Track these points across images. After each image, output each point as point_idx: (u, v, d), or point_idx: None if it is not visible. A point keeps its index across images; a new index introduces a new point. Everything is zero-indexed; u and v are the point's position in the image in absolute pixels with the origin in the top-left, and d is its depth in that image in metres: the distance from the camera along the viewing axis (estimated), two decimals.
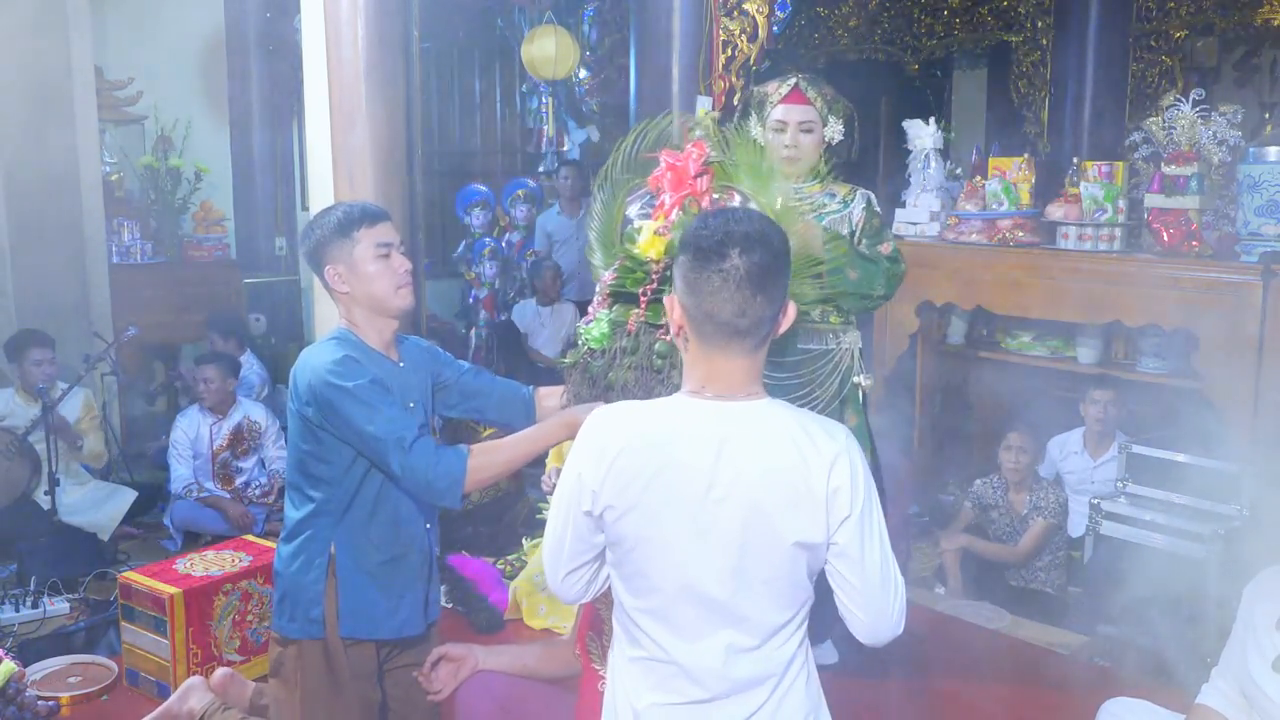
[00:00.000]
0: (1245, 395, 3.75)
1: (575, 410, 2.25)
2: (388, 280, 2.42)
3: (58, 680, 3.35)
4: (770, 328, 1.65)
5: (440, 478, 2.26)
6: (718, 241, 1.60)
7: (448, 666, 2.59)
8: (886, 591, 1.65)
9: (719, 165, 2.29)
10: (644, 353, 2.18)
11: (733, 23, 4.92)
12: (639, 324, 2.19)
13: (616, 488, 1.64)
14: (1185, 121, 4.08)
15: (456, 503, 2.34)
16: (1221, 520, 3.73)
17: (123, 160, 6.83)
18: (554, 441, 2.34)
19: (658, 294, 2.18)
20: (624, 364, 2.19)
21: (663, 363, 2.15)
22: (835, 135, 3.23)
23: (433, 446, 2.28)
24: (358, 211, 2.46)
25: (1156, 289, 4.01)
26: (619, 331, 2.22)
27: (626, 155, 2.45)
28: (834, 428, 1.67)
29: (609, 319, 2.25)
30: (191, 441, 5.14)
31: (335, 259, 2.42)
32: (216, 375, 5.14)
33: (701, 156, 2.25)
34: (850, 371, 3.20)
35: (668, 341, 2.14)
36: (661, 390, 2.14)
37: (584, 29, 7.51)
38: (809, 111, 3.20)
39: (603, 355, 2.23)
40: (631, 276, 2.24)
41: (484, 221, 7.37)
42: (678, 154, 2.27)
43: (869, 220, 3.22)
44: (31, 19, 5.15)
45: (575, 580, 1.77)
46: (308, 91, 4.01)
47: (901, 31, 7.28)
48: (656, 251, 2.22)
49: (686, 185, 2.24)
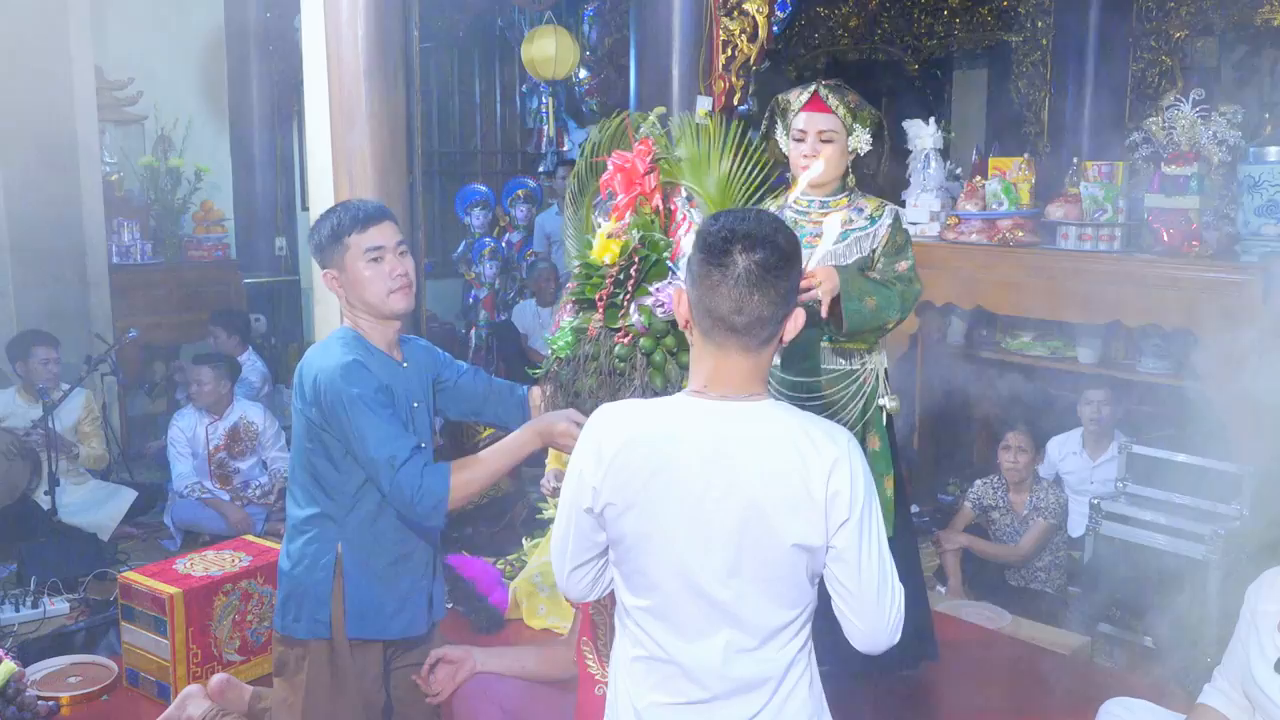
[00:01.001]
0: (1245, 395, 3.75)
1: (546, 418, 2.28)
2: (379, 285, 2.41)
3: (58, 680, 3.35)
4: (771, 330, 1.64)
5: (423, 501, 2.27)
6: (722, 239, 1.61)
7: (446, 668, 2.60)
8: (883, 599, 1.65)
9: (664, 161, 2.29)
10: (605, 357, 2.19)
11: (733, 23, 4.92)
12: (599, 329, 2.20)
13: (616, 485, 1.65)
14: (1185, 121, 4.08)
15: (440, 523, 2.36)
16: (1221, 520, 3.73)
17: (123, 160, 6.82)
18: (528, 450, 2.34)
19: (614, 297, 2.19)
20: (589, 369, 2.20)
21: (623, 365, 2.17)
22: (861, 146, 2.99)
23: (420, 469, 2.27)
24: (350, 216, 2.44)
25: (1156, 289, 4.01)
26: (582, 338, 2.24)
27: (588, 159, 2.48)
28: (836, 431, 1.67)
29: (571, 327, 2.26)
30: (188, 440, 5.13)
31: (329, 264, 2.44)
32: (211, 377, 5.10)
33: (648, 154, 2.26)
34: (875, 393, 3.03)
35: (627, 345, 2.15)
36: (627, 392, 2.14)
37: (584, 29, 7.52)
38: (830, 120, 2.95)
39: (569, 363, 2.25)
40: (589, 283, 2.26)
41: (484, 221, 7.38)
42: (625, 155, 2.28)
43: (892, 237, 3.00)
44: (31, 19, 5.16)
45: (580, 577, 1.78)
46: (308, 91, 4.01)
47: (901, 31, 7.29)
48: (611, 256, 2.23)
49: (636, 185, 2.24)
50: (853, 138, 2.98)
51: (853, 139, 2.98)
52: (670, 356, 2.22)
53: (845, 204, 3.01)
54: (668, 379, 2.18)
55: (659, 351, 2.20)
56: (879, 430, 3.06)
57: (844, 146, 2.98)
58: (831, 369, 3.01)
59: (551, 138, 7.99)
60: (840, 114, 2.96)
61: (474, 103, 8.69)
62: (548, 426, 2.26)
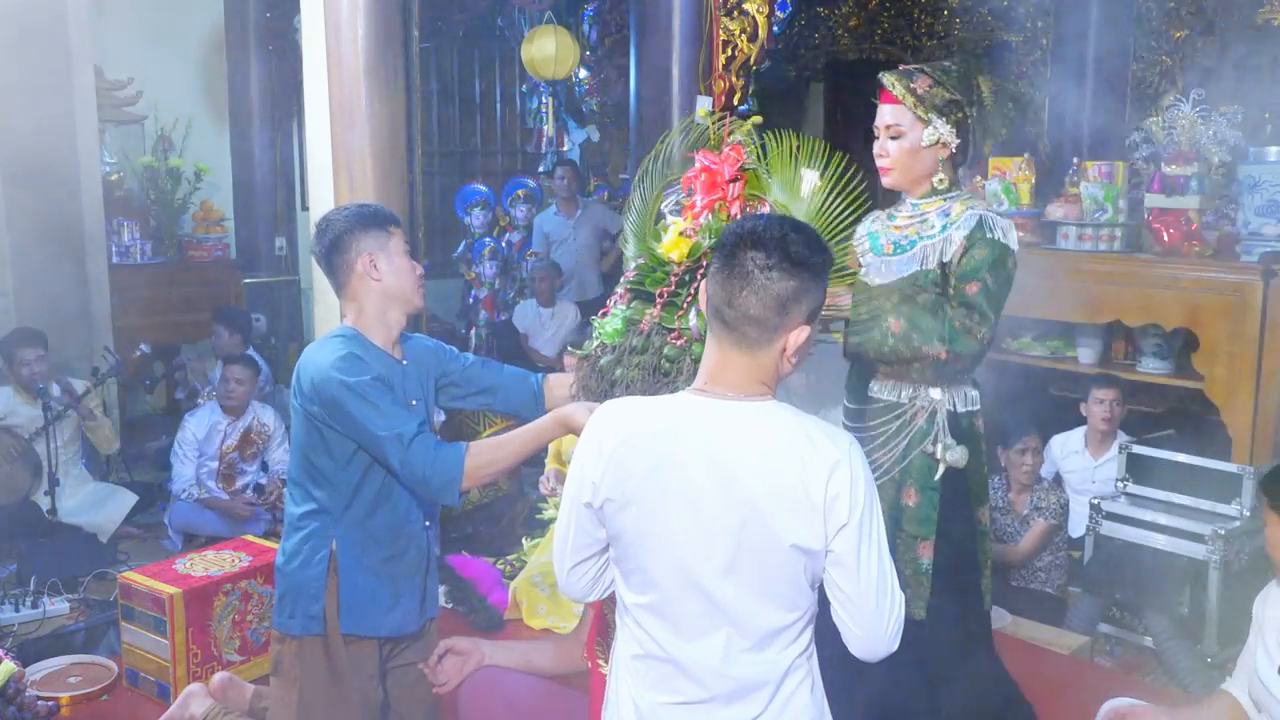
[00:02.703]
0: (1245, 395, 3.75)
1: (571, 408, 2.26)
2: (413, 278, 2.50)
3: (57, 680, 3.34)
4: (763, 333, 1.63)
5: (437, 474, 2.28)
6: (738, 236, 1.64)
7: (454, 659, 2.60)
8: (882, 606, 1.64)
9: (753, 173, 2.24)
10: (653, 354, 2.15)
11: (733, 23, 4.92)
12: (652, 324, 2.16)
13: (615, 480, 1.66)
14: (1185, 121, 4.08)
15: (455, 500, 2.35)
16: (1221, 520, 3.73)
17: (123, 160, 6.83)
18: (550, 437, 2.35)
19: (675, 296, 2.15)
20: (631, 362, 2.16)
21: (670, 366, 2.11)
22: (941, 138, 2.50)
23: (432, 444, 2.29)
24: (388, 211, 2.57)
25: (1156, 289, 4.01)
26: (632, 329, 2.20)
27: (668, 150, 2.39)
28: (838, 434, 1.66)
29: (624, 315, 2.22)
30: (200, 441, 5.09)
31: (370, 248, 2.44)
32: (248, 376, 5.12)
33: (738, 162, 2.21)
34: (921, 436, 2.51)
35: (678, 346, 2.11)
36: (665, 393, 2.12)
37: (584, 29, 7.53)
38: (898, 112, 2.52)
39: (612, 350, 2.21)
40: (651, 276, 2.21)
41: (484, 221, 7.38)
42: (715, 156, 2.23)
43: (968, 250, 2.46)
44: (31, 19, 5.15)
45: (581, 575, 1.79)
46: (308, 91, 4.01)
47: (901, 31, 7.28)
48: (680, 253, 2.18)
49: (719, 189, 2.20)
50: (929, 130, 2.50)
51: (928, 132, 2.50)
52: None
53: (937, 206, 2.56)
54: None
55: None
56: (919, 483, 2.53)
57: (917, 141, 2.52)
58: (878, 399, 2.59)
59: (551, 138, 7.98)
60: (908, 103, 2.50)
61: (474, 103, 8.69)
62: (569, 415, 2.23)
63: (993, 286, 2.44)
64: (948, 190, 2.56)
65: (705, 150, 2.25)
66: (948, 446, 2.48)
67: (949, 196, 2.56)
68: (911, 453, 2.51)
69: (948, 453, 2.47)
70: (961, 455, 2.48)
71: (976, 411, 2.56)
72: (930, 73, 2.54)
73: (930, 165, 2.55)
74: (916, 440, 2.51)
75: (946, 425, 2.50)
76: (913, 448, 2.51)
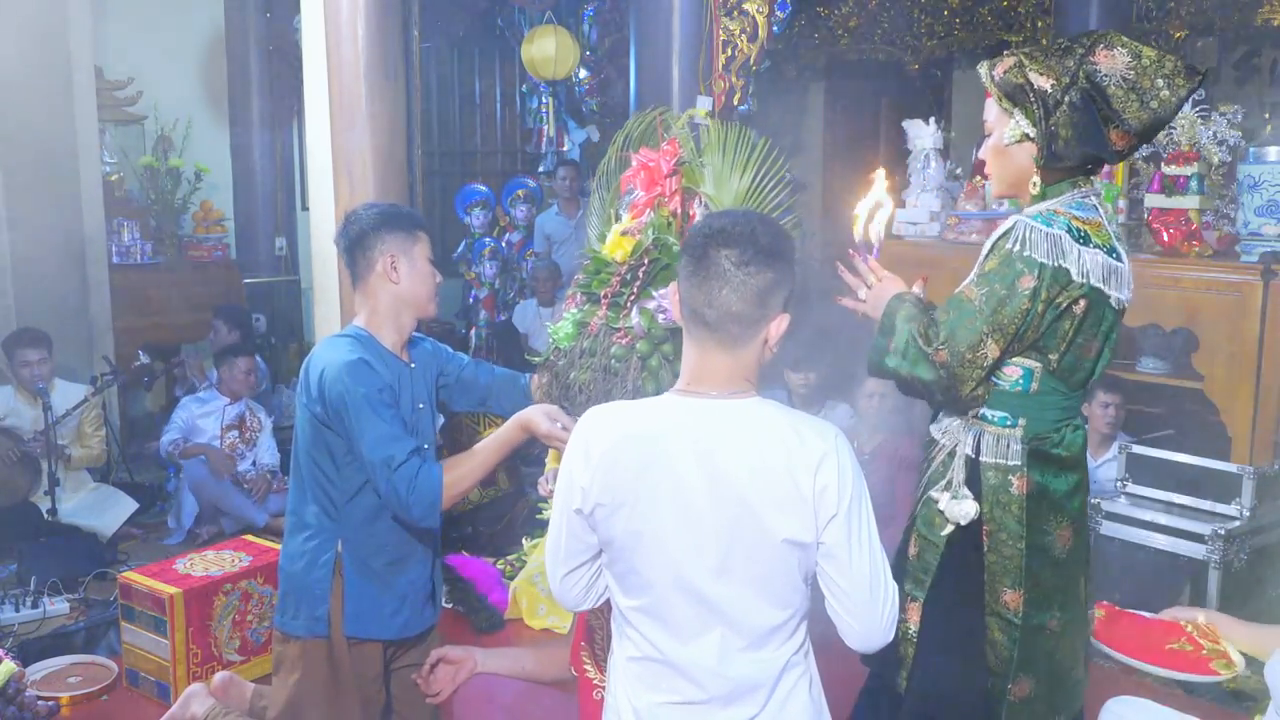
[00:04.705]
0: (1245, 395, 3.75)
1: (528, 412, 2.30)
2: (431, 285, 2.50)
3: (58, 680, 3.35)
4: (746, 329, 1.63)
5: (417, 503, 2.28)
6: (704, 235, 1.64)
7: (447, 669, 2.60)
8: (876, 597, 1.64)
9: (688, 167, 2.27)
10: (602, 354, 2.17)
11: (733, 23, 4.92)
12: (600, 325, 2.18)
13: (604, 485, 1.66)
14: (1185, 121, 4.07)
15: (435, 524, 2.38)
16: (1221, 520, 3.73)
17: (123, 160, 6.83)
18: (514, 442, 2.36)
19: (618, 296, 2.17)
20: (583, 365, 2.18)
21: (619, 365, 2.13)
22: (1026, 133, 2.04)
23: (415, 472, 2.28)
24: (418, 215, 2.57)
25: (1156, 289, 4.00)
26: (583, 332, 2.22)
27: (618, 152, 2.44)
28: (825, 427, 1.67)
29: (574, 319, 2.25)
30: (196, 418, 5.19)
31: (395, 249, 2.44)
32: (253, 366, 5.28)
33: (674, 156, 2.23)
34: (936, 477, 2.11)
35: (624, 345, 2.13)
36: (619, 393, 2.12)
37: (584, 29, 7.52)
38: (988, 106, 2.15)
39: (566, 354, 2.23)
40: (597, 278, 2.24)
41: (484, 221, 7.39)
42: (652, 153, 2.25)
43: (986, 258, 2.07)
44: (31, 19, 5.15)
45: (574, 583, 1.79)
46: (308, 91, 4.01)
47: (901, 31, 7.28)
48: (622, 253, 2.20)
49: (658, 185, 2.22)
50: (1011, 125, 2.08)
51: (1010, 126, 2.08)
52: (666, 363, 2.18)
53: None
54: (660, 385, 2.13)
55: (655, 357, 2.17)
56: (922, 531, 2.13)
57: (1000, 139, 2.12)
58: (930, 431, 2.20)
59: (551, 138, 7.98)
60: (993, 94, 2.12)
61: (474, 103, 8.69)
62: (528, 419, 2.28)
63: (976, 301, 1.98)
64: (1042, 198, 2.06)
65: (644, 148, 2.27)
66: (955, 496, 2.05)
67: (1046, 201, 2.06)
68: (923, 495, 2.14)
69: (952, 502, 2.05)
70: (965, 511, 2.04)
71: (1014, 468, 2.04)
72: (1020, 52, 2.09)
73: (1024, 167, 2.08)
74: (930, 482, 2.13)
75: (962, 470, 2.06)
76: (924, 490, 2.14)
